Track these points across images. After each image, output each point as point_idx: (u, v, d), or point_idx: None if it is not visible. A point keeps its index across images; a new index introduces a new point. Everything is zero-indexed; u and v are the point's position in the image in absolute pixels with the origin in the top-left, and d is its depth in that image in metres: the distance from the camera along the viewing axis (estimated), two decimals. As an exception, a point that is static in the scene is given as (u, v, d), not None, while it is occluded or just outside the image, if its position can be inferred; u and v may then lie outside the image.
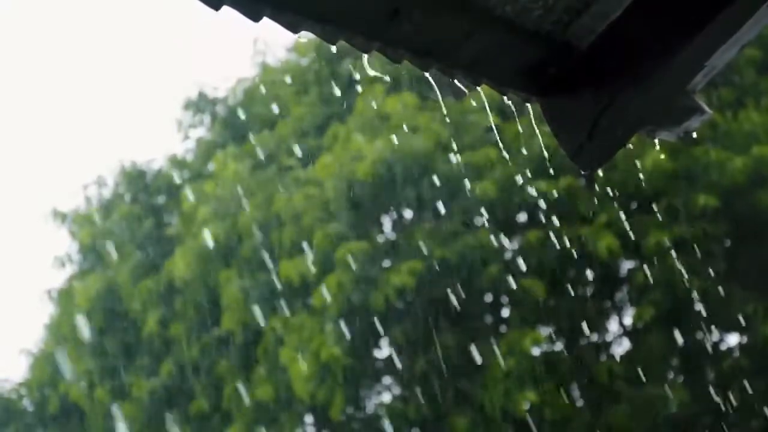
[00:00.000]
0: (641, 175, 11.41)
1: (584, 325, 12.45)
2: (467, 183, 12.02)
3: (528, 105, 2.26)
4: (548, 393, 11.79)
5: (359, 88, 13.50)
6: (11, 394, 17.02)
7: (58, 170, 32.42)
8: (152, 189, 16.28)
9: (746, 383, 11.71)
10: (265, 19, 1.73)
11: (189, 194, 14.26)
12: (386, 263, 12.19)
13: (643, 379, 12.00)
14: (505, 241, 12.33)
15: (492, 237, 11.96)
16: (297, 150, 13.75)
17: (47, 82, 34.58)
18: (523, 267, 11.80)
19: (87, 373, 15.00)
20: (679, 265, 11.53)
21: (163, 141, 31.37)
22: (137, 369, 14.64)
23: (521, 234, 12.37)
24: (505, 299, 12.61)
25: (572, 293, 12.45)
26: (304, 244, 12.48)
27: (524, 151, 11.85)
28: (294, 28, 1.76)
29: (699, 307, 12.33)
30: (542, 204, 11.74)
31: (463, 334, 12.10)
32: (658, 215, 11.64)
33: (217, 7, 1.67)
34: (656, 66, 2.14)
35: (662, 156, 11.75)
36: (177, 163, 16.32)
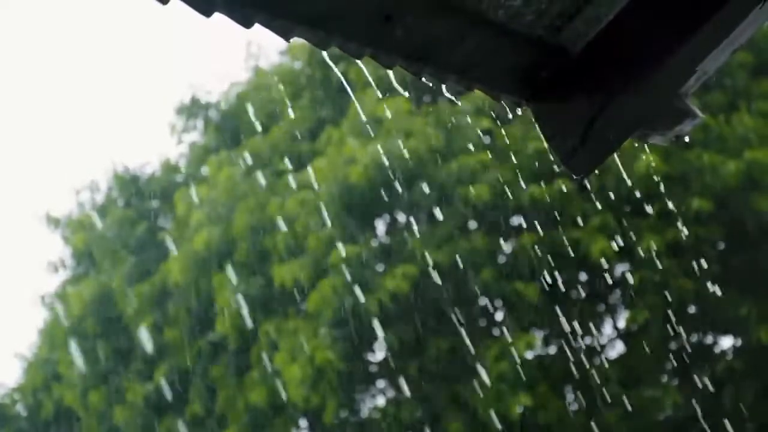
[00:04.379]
0: (634, 179, 11.42)
1: (578, 328, 12.45)
2: (461, 187, 12.01)
3: (520, 109, 2.26)
4: (542, 396, 11.79)
5: (352, 92, 13.49)
6: (5, 399, 16.99)
7: (51, 174, 32.39)
8: (145, 193, 16.24)
9: (740, 386, 11.73)
10: (257, 25, 1.73)
11: (182, 199, 14.24)
12: (380, 267, 12.18)
13: (637, 382, 12.01)
14: (499, 244, 12.33)
15: (485, 240, 11.96)
16: (290, 154, 13.73)
17: (40, 85, 34.56)
18: (517, 271, 11.80)
19: (81, 378, 14.96)
20: (672, 268, 11.55)
21: (156, 145, 31.35)
22: (131, 374, 14.61)
23: (515, 237, 12.36)
24: (498, 303, 12.60)
25: (566, 296, 12.46)
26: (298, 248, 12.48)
27: (517, 155, 11.86)
28: (286, 34, 1.76)
29: (692, 309, 12.35)
30: (536, 208, 11.73)
31: (456, 338, 12.09)
32: (652, 218, 11.65)
33: (208, 14, 1.66)
34: (649, 70, 2.14)
35: (655, 160, 11.76)
36: (170, 167, 16.29)
